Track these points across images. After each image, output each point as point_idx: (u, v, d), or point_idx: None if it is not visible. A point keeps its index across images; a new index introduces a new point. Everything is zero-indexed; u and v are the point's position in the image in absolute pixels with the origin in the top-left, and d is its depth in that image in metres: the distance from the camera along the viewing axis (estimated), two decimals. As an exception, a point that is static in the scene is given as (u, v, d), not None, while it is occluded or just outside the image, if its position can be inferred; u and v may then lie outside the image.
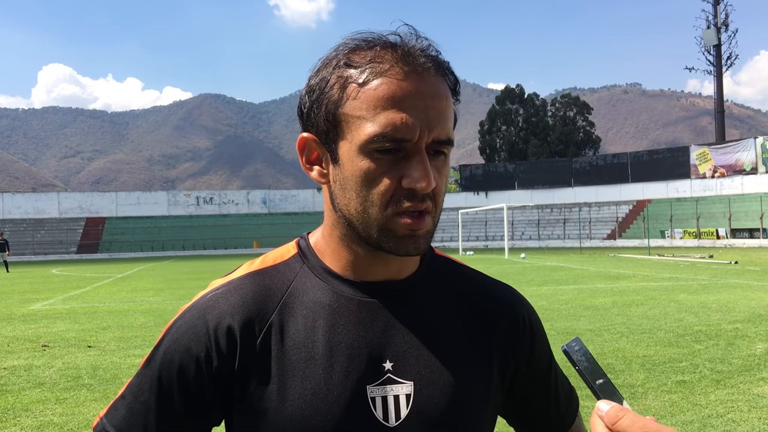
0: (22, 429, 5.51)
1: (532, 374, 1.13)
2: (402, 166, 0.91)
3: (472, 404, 1.03)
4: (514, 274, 23.33)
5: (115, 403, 1.01)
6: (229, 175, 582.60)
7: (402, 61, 0.91)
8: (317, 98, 0.96)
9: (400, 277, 1.04)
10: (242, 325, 0.98)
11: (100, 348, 9.28)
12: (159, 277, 27.39)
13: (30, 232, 67.73)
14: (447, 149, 0.95)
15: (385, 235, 0.94)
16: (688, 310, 11.96)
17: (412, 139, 0.90)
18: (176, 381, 0.97)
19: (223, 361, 0.97)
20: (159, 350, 1.00)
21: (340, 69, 0.94)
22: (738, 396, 6.01)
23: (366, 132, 0.90)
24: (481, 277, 1.15)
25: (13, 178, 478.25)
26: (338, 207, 0.97)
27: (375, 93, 0.90)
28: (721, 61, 69.69)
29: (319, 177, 1.00)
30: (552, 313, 11.89)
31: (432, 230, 0.96)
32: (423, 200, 0.92)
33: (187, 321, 1.00)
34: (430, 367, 1.00)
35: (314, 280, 1.03)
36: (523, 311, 1.13)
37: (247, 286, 1.02)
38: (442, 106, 0.93)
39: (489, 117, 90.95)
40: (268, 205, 76.22)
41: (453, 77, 0.98)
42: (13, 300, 17.57)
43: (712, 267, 24.99)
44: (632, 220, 63.27)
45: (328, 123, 0.95)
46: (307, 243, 1.08)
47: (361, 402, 0.96)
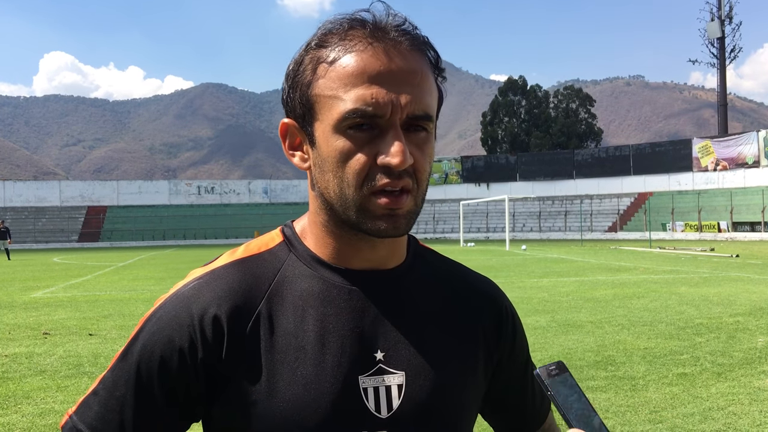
0: (24, 416, 5.52)
1: (510, 366, 1.13)
2: (377, 143, 0.89)
3: (462, 393, 1.02)
4: (515, 266, 23.32)
5: (87, 399, 0.95)
6: (231, 165, 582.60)
7: (371, 36, 0.89)
8: (292, 82, 0.94)
9: (388, 266, 1.02)
10: (229, 315, 0.94)
11: (101, 336, 9.29)
12: (160, 266, 27.42)
13: (31, 220, 67.78)
14: (427, 125, 0.92)
15: (363, 215, 0.91)
16: (689, 302, 11.96)
17: (384, 114, 0.87)
18: (157, 374, 0.92)
19: (208, 352, 0.92)
20: (137, 342, 0.94)
21: (313, 50, 0.92)
22: (739, 389, 6.01)
23: (338, 110, 0.88)
24: (463, 269, 1.15)
25: (15, 166, 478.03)
26: (319, 191, 0.96)
27: (345, 70, 0.88)
28: (724, 54, 69.41)
29: (300, 162, 0.98)
30: (553, 305, 11.89)
31: (414, 211, 0.93)
32: (400, 177, 0.89)
33: (169, 311, 0.95)
34: (421, 357, 0.99)
35: (302, 268, 1.00)
36: (505, 303, 1.14)
37: (232, 274, 0.98)
38: (417, 81, 0.90)
39: (491, 108, 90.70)
40: (270, 195, 76.19)
41: (433, 52, 0.95)
42: (15, 288, 17.59)
43: (713, 260, 24.98)
44: (634, 213, 63.19)
45: (302, 106, 0.93)
46: (292, 231, 1.05)
47: (354, 393, 0.94)
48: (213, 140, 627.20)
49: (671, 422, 5.08)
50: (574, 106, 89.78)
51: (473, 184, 73.71)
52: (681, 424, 5.05)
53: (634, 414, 5.31)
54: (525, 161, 73.40)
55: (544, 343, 8.22)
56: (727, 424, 5.03)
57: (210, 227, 68.91)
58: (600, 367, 6.89)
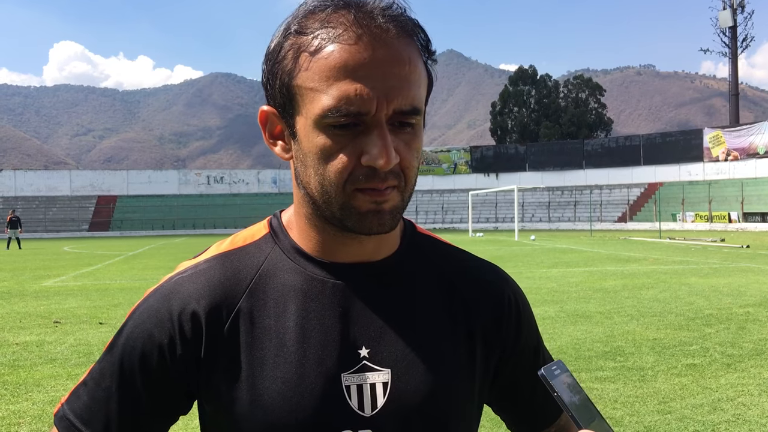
0: (34, 404, 5.56)
1: (518, 358, 1.05)
2: (361, 141, 0.83)
3: (452, 392, 0.96)
4: (524, 256, 23.30)
5: (77, 389, 0.96)
6: (240, 154, 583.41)
7: (356, 23, 0.82)
8: (272, 69, 0.88)
9: (376, 257, 0.97)
10: (208, 311, 0.92)
11: (111, 325, 9.34)
12: (170, 255, 27.57)
13: (42, 209, 68.20)
14: (414, 119, 0.86)
15: (347, 213, 0.87)
16: (699, 293, 11.92)
17: (369, 111, 0.82)
18: (138, 368, 0.92)
19: (187, 348, 0.91)
20: (122, 336, 0.94)
21: (293, 36, 0.86)
22: (748, 380, 5.99)
23: (319, 106, 0.83)
24: (465, 256, 1.07)
25: (25, 155, 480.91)
26: (302, 185, 0.91)
27: (327, 62, 0.82)
28: (736, 43, 68.89)
29: (282, 152, 0.93)
30: (562, 296, 11.88)
31: (401, 206, 0.89)
32: (385, 179, 0.84)
33: (151, 306, 0.94)
34: (409, 354, 0.94)
35: (285, 261, 0.96)
36: (509, 291, 1.06)
37: (214, 268, 0.96)
38: (405, 72, 0.83)
39: (501, 98, 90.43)
40: (278, 185, 76.31)
41: (423, 35, 0.88)
42: (26, 276, 17.71)
43: (723, 251, 24.87)
44: (644, 203, 62.97)
45: (283, 96, 0.88)
46: (279, 222, 1.01)
47: (335, 391, 0.90)
48: (222, 130, 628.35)
49: (680, 413, 5.07)
50: (584, 96, 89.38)
51: (482, 174, 73.61)
52: (690, 414, 5.04)
53: (642, 405, 5.30)
54: (534, 151, 73.21)
55: (553, 334, 8.21)
56: (736, 415, 5.02)
57: (219, 217, 69.10)
58: (609, 358, 6.88)
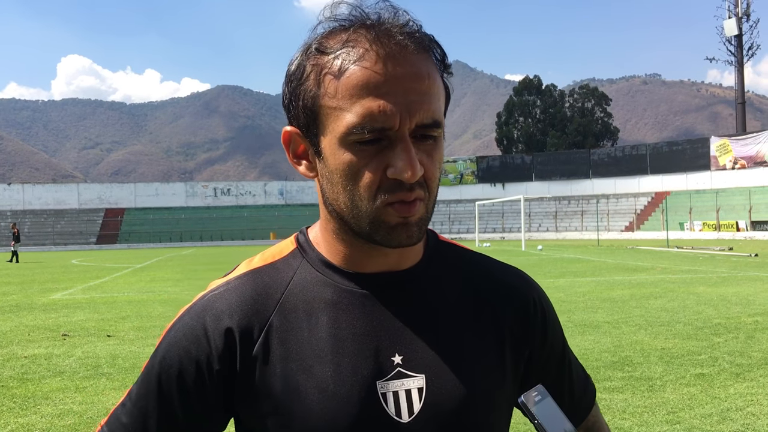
0: (43, 417, 5.57)
1: (545, 360, 1.09)
2: (386, 155, 0.87)
3: (486, 396, 0.99)
4: (531, 266, 23.23)
5: (116, 410, 0.99)
6: (247, 166, 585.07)
7: (376, 42, 0.86)
8: (294, 89, 0.92)
9: (402, 267, 1.00)
10: (241, 327, 0.95)
11: (119, 337, 9.37)
12: (177, 267, 27.60)
13: (50, 222, 68.46)
14: (436, 132, 0.89)
15: (376, 227, 0.90)
16: (708, 302, 11.86)
17: (393, 127, 0.85)
18: (176, 386, 0.95)
19: (223, 363, 0.94)
20: (158, 355, 0.97)
21: (314, 56, 0.89)
22: (758, 389, 5.96)
23: (344, 124, 0.86)
24: (489, 262, 1.10)
25: (34, 169, 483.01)
26: (328, 201, 0.94)
27: (350, 81, 0.85)
28: (742, 52, 68.79)
29: (307, 171, 0.97)
30: (569, 305, 11.84)
31: (426, 218, 0.92)
32: (411, 190, 0.87)
33: (186, 324, 0.97)
34: (441, 359, 0.97)
35: (314, 274, 0.99)
36: (534, 294, 1.09)
37: (245, 285, 0.99)
38: (425, 87, 0.87)
39: (506, 108, 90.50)
40: (285, 197, 76.51)
41: (439, 50, 0.91)
42: (34, 289, 17.77)
43: (731, 259, 24.75)
44: (651, 212, 62.77)
45: (307, 116, 0.91)
46: (306, 238, 1.05)
47: (372, 398, 0.92)
48: (229, 142, 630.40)
49: (689, 423, 5.04)
50: (590, 106, 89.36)
51: (489, 184, 73.58)
52: (699, 425, 5.01)
53: (651, 415, 5.27)
54: (541, 161, 73.15)
55: (561, 344, 8.17)
56: (745, 425, 4.99)
57: (226, 229, 69.27)
58: (617, 368, 6.86)
